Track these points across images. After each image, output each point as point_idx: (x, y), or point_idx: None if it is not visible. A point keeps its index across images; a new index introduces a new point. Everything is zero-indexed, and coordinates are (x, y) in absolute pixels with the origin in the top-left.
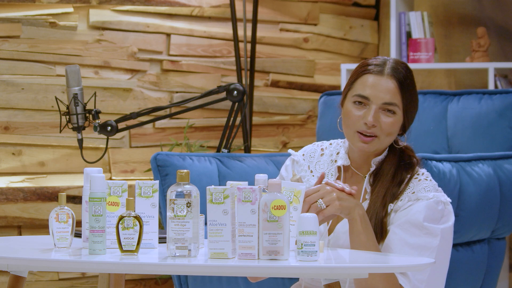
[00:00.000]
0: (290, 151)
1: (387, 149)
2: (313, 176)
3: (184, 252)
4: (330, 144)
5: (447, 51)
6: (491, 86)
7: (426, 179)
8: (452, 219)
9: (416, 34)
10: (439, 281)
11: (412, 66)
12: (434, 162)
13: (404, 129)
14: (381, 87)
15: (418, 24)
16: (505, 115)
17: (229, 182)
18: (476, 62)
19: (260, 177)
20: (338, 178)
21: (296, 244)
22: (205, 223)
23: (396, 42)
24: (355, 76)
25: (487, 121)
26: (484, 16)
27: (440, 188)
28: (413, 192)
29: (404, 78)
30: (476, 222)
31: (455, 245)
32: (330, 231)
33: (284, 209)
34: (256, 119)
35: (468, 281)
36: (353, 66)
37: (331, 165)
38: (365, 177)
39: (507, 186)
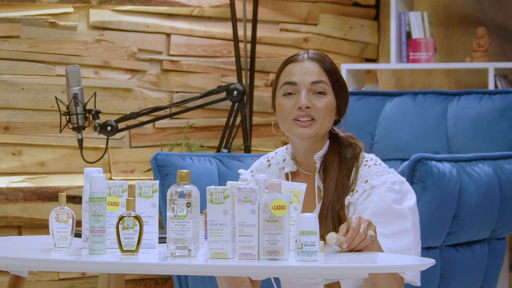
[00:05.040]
0: (240, 171)
1: (328, 142)
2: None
3: (184, 252)
4: (276, 153)
5: (447, 51)
6: (491, 86)
7: (376, 164)
8: (413, 195)
9: (416, 34)
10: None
11: (412, 66)
12: (434, 162)
13: (339, 113)
14: (305, 70)
15: (418, 24)
16: (505, 115)
17: (229, 182)
18: (476, 62)
19: (260, 177)
20: None
21: (296, 244)
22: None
23: (396, 42)
24: (278, 73)
25: (487, 121)
26: (484, 16)
27: (391, 169)
28: (366, 181)
29: (325, 61)
30: (476, 222)
31: (455, 245)
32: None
33: (284, 209)
34: (256, 119)
35: (468, 281)
36: (353, 66)
37: (279, 173)
38: (314, 175)
39: (507, 186)
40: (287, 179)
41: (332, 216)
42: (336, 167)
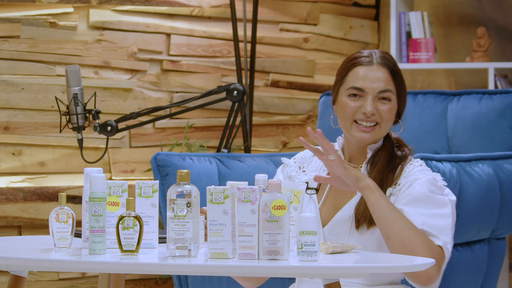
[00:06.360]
0: (282, 158)
1: (382, 139)
2: (305, 174)
3: (184, 252)
4: None
5: (447, 51)
6: (491, 86)
7: (422, 165)
8: (454, 197)
9: (416, 34)
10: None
11: (412, 66)
12: (434, 162)
13: (398, 115)
14: (373, 77)
15: (418, 24)
16: (505, 115)
17: (229, 182)
18: (476, 62)
19: (260, 177)
20: (329, 172)
21: (296, 244)
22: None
23: (396, 42)
24: (345, 71)
25: (487, 121)
26: (484, 16)
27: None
28: (410, 175)
29: (393, 65)
30: (476, 222)
31: (455, 245)
32: (324, 222)
33: (284, 209)
34: (256, 119)
35: (468, 281)
36: None
37: None
38: (361, 167)
39: (507, 186)
40: None
41: None
42: (384, 162)
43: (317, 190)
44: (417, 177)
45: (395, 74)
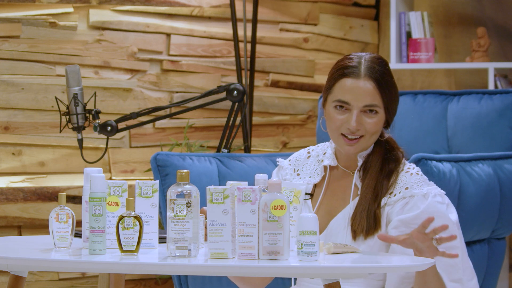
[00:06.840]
0: (278, 159)
1: (373, 144)
2: (300, 178)
3: (184, 252)
4: (318, 146)
5: (447, 51)
6: (491, 86)
7: (418, 174)
8: (454, 209)
9: (416, 34)
10: (470, 270)
11: (412, 66)
12: (434, 162)
13: (387, 123)
14: (360, 90)
15: (418, 24)
16: (505, 115)
17: (229, 182)
18: (476, 62)
19: (260, 177)
20: (324, 177)
21: (296, 244)
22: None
23: (396, 42)
24: (333, 80)
25: (487, 121)
26: (484, 16)
27: (431, 182)
28: (407, 188)
29: (381, 76)
30: (476, 222)
31: None
32: (320, 229)
33: (284, 209)
34: (256, 119)
35: None
36: None
37: (317, 165)
38: (353, 173)
39: (507, 186)
40: (325, 171)
41: (368, 214)
42: (377, 168)
43: (311, 195)
44: (415, 193)
45: (383, 85)
